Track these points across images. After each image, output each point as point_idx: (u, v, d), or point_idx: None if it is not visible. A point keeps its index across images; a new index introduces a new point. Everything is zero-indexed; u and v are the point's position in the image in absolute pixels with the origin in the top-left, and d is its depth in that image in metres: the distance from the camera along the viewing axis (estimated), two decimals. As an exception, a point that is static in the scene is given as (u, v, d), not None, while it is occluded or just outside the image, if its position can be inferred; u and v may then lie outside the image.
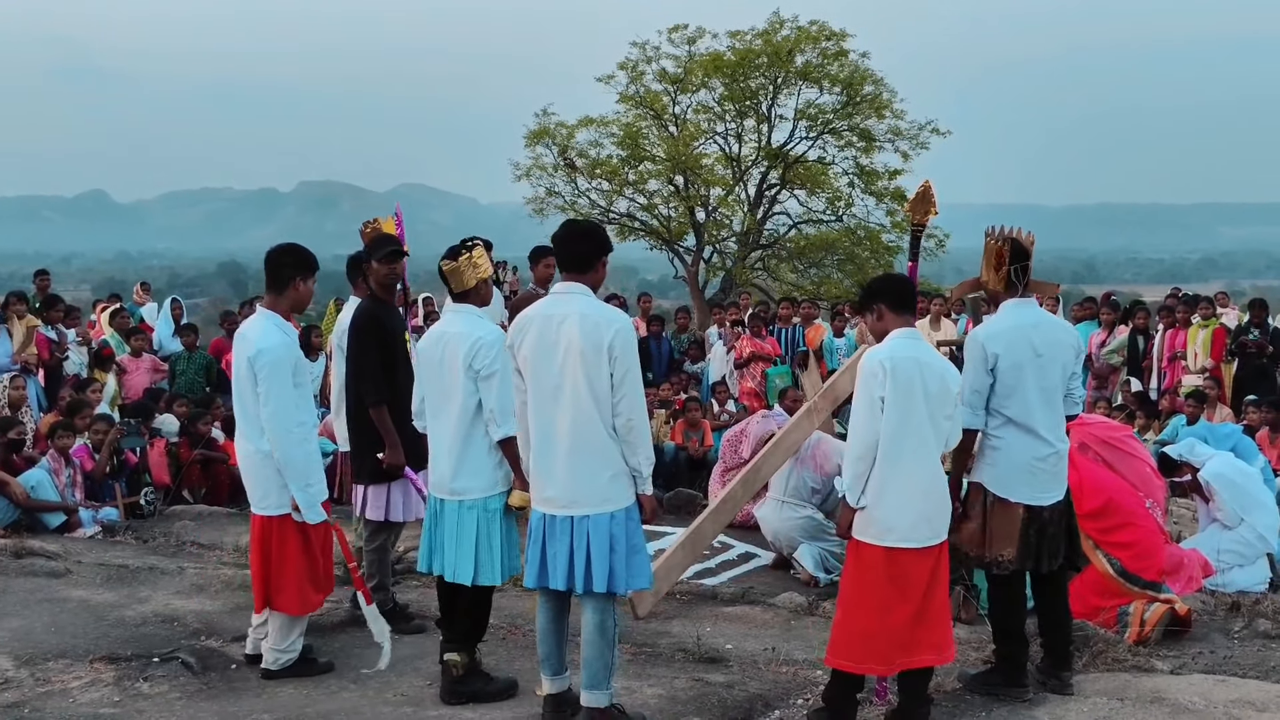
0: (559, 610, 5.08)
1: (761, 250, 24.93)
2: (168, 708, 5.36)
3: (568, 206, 24.34)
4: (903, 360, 4.90)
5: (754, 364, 13.22)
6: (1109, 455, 7.24)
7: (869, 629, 4.88)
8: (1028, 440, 5.34)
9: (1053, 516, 5.41)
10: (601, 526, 4.86)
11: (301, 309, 5.96)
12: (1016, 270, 5.42)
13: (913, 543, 4.87)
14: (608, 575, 4.85)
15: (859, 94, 23.77)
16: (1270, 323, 12.71)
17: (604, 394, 4.84)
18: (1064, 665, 5.51)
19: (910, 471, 4.87)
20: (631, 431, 4.88)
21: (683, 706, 5.26)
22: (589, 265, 5.06)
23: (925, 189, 6.81)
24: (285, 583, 5.62)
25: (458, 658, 5.41)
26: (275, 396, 5.49)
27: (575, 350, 4.83)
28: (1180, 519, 8.77)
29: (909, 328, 5.06)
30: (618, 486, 4.91)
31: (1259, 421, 10.84)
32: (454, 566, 5.34)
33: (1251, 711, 5.12)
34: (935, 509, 4.93)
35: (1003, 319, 5.43)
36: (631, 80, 24.44)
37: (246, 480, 5.75)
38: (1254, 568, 7.53)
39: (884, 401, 4.87)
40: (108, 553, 8.15)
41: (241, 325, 5.86)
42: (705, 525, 7.38)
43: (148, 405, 11.24)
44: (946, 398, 4.94)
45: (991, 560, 5.39)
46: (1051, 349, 5.38)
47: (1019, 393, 5.32)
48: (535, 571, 4.98)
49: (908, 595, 4.87)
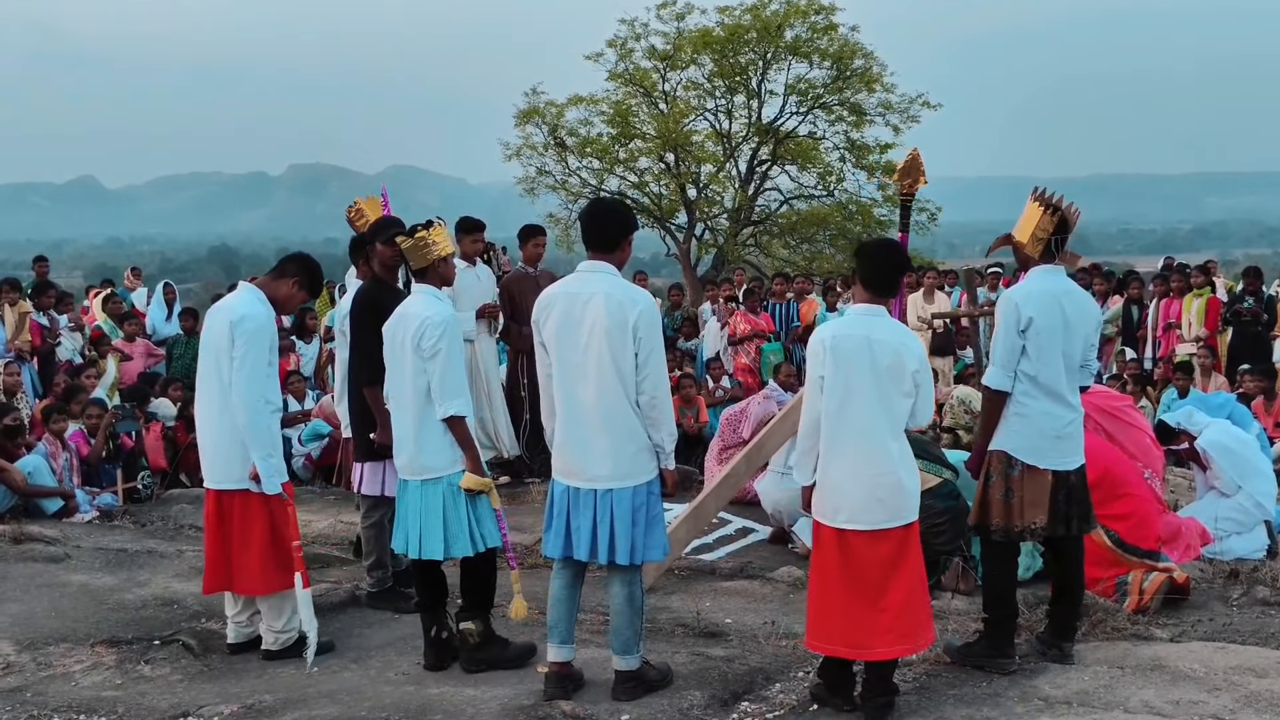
0: (574, 579, 5.13)
1: (753, 226, 24.92)
2: (169, 689, 5.37)
3: (558, 186, 24.33)
4: (846, 338, 4.82)
5: (748, 340, 13.23)
6: (1109, 425, 7.25)
7: (830, 610, 4.83)
8: (1055, 406, 5.31)
9: (1079, 480, 5.41)
10: (625, 500, 4.93)
11: (282, 310, 5.92)
12: (1056, 241, 5.40)
13: (862, 525, 4.77)
14: (630, 547, 4.93)
15: (849, 68, 23.73)
16: (1264, 291, 12.73)
17: (628, 372, 4.89)
18: (1066, 635, 5.52)
19: (855, 451, 4.79)
20: (655, 408, 4.94)
21: (683, 681, 5.27)
22: (615, 244, 5.07)
23: (913, 158, 6.79)
24: (248, 562, 5.57)
25: (473, 625, 5.47)
26: (251, 363, 5.46)
27: (601, 329, 4.87)
28: (1177, 488, 8.79)
29: (874, 304, 4.93)
30: (641, 461, 4.97)
31: (1254, 390, 10.87)
32: (421, 543, 5.38)
33: (1251, 677, 5.13)
34: (888, 491, 4.77)
35: (1034, 282, 5.38)
36: (621, 58, 24.39)
37: (209, 455, 5.63)
38: (1252, 535, 7.54)
39: (824, 380, 4.83)
40: (106, 537, 8.14)
41: (223, 299, 5.81)
42: (707, 501, 7.38)
43: (143, 390, 11.23)
44: (901, 375, 4.78)
45: (1024, 528, 5.36)
46: (1079, 317, 5.36)
47: (1048, 358, 5.27)
48: (561, 543, 5.04)
49: (864, 579, 4.77)
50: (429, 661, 5.56)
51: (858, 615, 4.78)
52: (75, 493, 8.98)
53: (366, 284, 6.55)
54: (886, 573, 4.79)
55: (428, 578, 5.57)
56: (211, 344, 5.58)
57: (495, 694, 5.16)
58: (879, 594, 4.78)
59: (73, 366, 11.68)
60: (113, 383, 11.66)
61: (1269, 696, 4.90)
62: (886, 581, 4.79)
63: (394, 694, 5.22)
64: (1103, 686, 5.09)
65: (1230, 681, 5.09)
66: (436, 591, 5.60)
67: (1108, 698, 4.96)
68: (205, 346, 5.64)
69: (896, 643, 4.81)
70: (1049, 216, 5.37)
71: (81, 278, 37.92)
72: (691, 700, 5.07)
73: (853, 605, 4.79)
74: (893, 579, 4.80)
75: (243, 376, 5.46)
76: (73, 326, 12.49)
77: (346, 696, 5.20)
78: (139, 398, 10.88)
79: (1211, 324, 12.38)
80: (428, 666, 5.55)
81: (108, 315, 13.26)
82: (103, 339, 12.51)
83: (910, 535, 4.85)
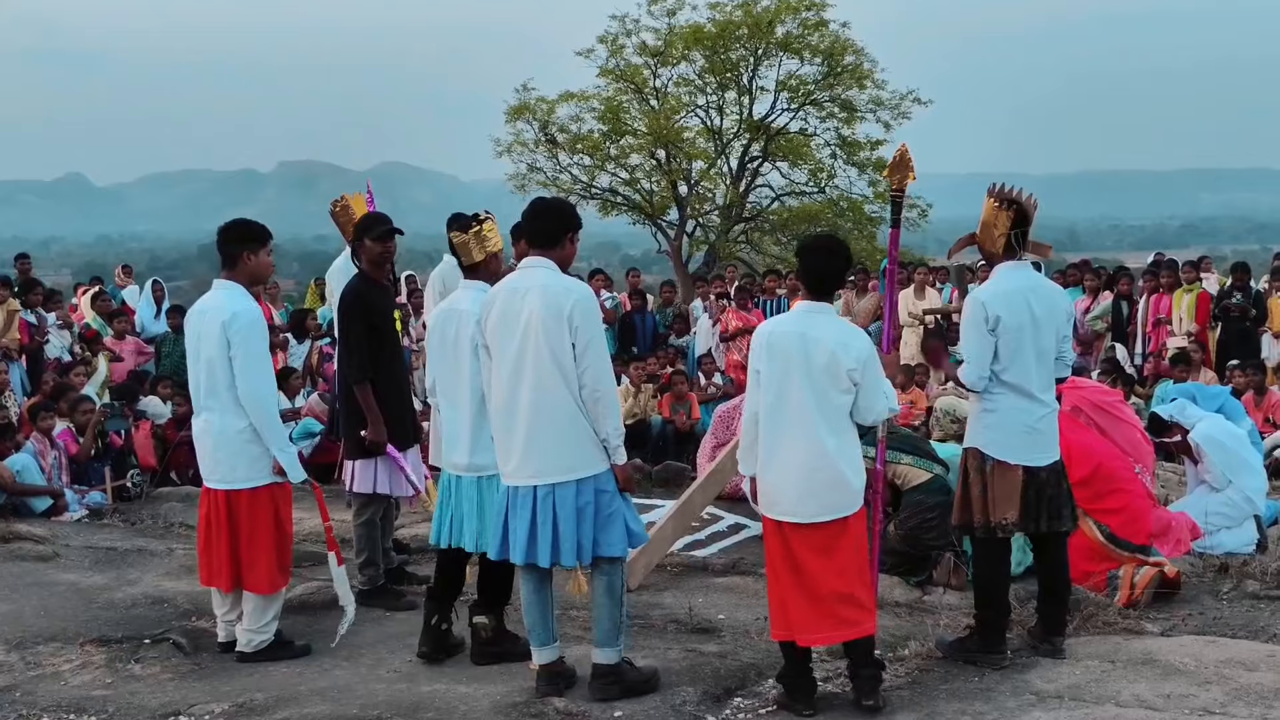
0: (541, 581, 5.09)
1: (744, 223, 24.93)
2: (160, 688, 5.35)
3: (549, 182, 24.30)
4: (782, 335, 4.86)
5: (740, 337, 13.22)
6: (1101, 420, 7.25)
7: (782, 599, 4.89)
8: (1024, 403, 5.33)
9: (1050, 477, 5.42)
10: (568, 497, 4.88)
11: (259, 281, 5.91)
12: (1017, 235, 5.39)
13: (798, 517, 4.82)
14: (576, 547, 4.87)
15: (840, 64, 23.74)
16: (1252, 286, 12.76)
17: (567, 364, 4.86)
18: (1057, 630, 5.53)
19: (791, 446, 4.82)
20: (598, 402, 4.89)
21: (676, 677, 5.27)
22: (556, 241, 5.08)
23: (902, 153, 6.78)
24: (258, 559, 5.58)
25: (486, 620, 5.47)
26: (254, 360, 5.48)
27: (536, 321, 4.85)
28: (1167, 483, 8.80)
29: (815, 302, 4.96)
30: (585, 455, 4.91)
31: (1244, 384, 10.90)
32: (478, 537, 5.35)
33: (1242, 671, 5.15)
34: (825, 485, 4.80)
35: (1000, 281, 5.41)
36: (611, 54, 24.37)
37: (211, 456, 5.61)
38: (1241, 530, 7.55)
39: (760, 375, 4.88)
40: (95, 536, 8.12)
41: (199, 301, 5.75)
42: (695, 497, 7.39)
43: (132, 388, 11.20)
44: (836, 373, 4.78)
45: (996, 524, 5.38)
46: (1048, 313, 5.38)
47: (1018, 356, 5.30)
48: (498, 544, 5.04)
49: (803, 569, 4.83)
50: (422, 649, 5.55)
51: (802, 603, 4.83)
52: (64, 491, 8.95)
53: (354, 281, 6.50)
54: (822, 562, 4.83)
55: (451, 570, 5.56)
56: (207, 346, 5.52)
57: (488, 691, 5.15)
58: (815, 582, 4.82)
59: (62, 365, 11.64)
60: (104, 380, 11.62)
61: (1259, 689, 4.92)
62: (822, 570, 4.83)
63: (386, 691, 5.21)
64: (1094, 680, 5.10)
65: (1221, 675, 5.11)
66: (453, 587, 5.59)
67: (1099, 692, 4.97)
68: (197, 350, 5.59)
69: (837, 628, 4.85)
70: (1005, 212, 5.37)
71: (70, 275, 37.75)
72: (684, 696, 5.07)
73: (796, 593, 4.84)
74: (827, 568, 4.83)
75: (249, 374, 5.46)
76: (61, 324, 12.44)
77: (338, 694, 5.18)
78: (128, 396, 10.85)
79: (1202, 319, 12.40)
80: (420, 655, 5.54)
81: (96, 313, 13.20)
82: (96, 337, 12.47)
83: (847, 528, 4.86)
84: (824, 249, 5.10)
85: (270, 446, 5.53)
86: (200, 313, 5.64)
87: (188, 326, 5.73)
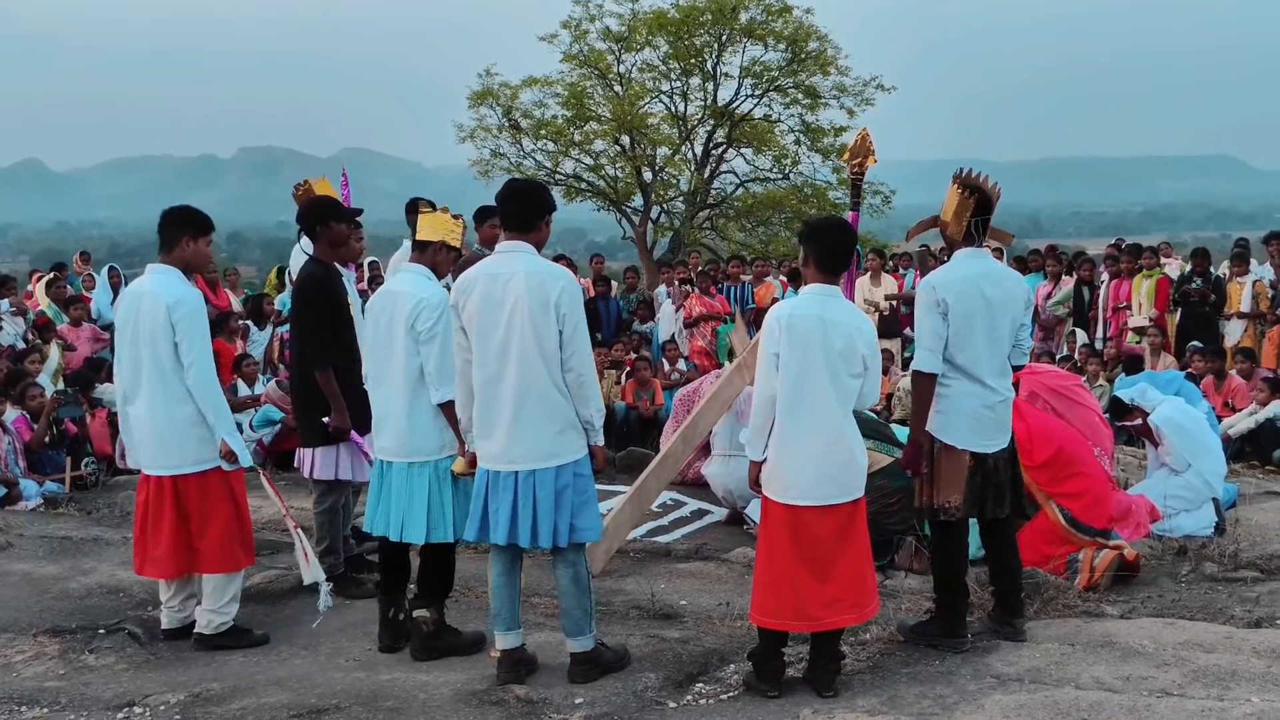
0: (511, 564, 5.09)
1: (709, 209, 24.90)
2: (114, 679, 5.27)
3: (513, 168, 24.16)
4: (802, 317, 4.85)
5: (704, 322, 13.21)
6: (1058, 404, 7.29)
7: (780, 585, 4.87)
8: (975, 388, 5.33)
9: (998, 464, 5.43)
10: (548, 482, 4.89)
11: (194, 269, 5.79)
12: (977, 223, 5.39)
13: (814, 500, 4.83)
14: (553, 530, 4.88)
15: (804, 51, 23.74)
16: (1212, 272, 12.86)
17: (552, 350, 4.86)
18: (1016, 612, 5.55)
19: (809, 429, 4.83)
20: (582, 386, 4.92)
21: (639, 663, 5.25)
22: (531, 224, 5.05)
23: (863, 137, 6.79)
24: (214, 539, 5.50)
25: (427, 614, 5.42)
26: (199, 344, 5.40)
27: (523, 307, 4.83)
28: (1127, 466, 8.87)
29: (826, 285, 4.96)
30: (567, 440, 4.94)
31: (1203, 369, 10.99)
32: (403, 527, 5.34)
33: (1199, 653, 5.19)
34: (840, 468, 4.84)
35: (955, 268, 5.41)
36: (575, 39, 24.27)
37: (153, 444, 5.48)
38: (1200, 512, 7.62)
39: (779, 358, 4.85)
40: (50, 525, 7.99)
41: (134, 284, 5.62)
42: (649, 481, 7.38)
43: (88, 375, 11.04)
44: (852, 356, 4.83)
45: (939, 507, 5.40)
46: (1003, 299, 5.36)
47: (968, 341, 5.30)
48: (478, 527, 5.01)
49: (814, 553, 4.83)
50: (384, 643, 5.52)
51: (807, 588, 4.83)
52: (19, 481, 8.82)
53: (311, 266, 6.41)
54: (836, 545, 4.86)
55: (394, 560, 5.53)
56: (145, 331, 5.41)
57: (448, 679, 5.11)
58: (828, 566, 4.84)
59: (15, 352, 11.46)
60: (56, 368, 11.45)
61: (1216, 671, 4.95)
62: (836, 554, 4.86)
63: (345, 680, 5.15)
64: (1054, 663, 5.12)
65: (1179, 657, 5.14)
66: (400, 575, 5.56)
67: (1059, 674, 4.99)
68: (135, 334, 5.46)
69: (845, 612, 4.88)
70: (967, 198, 5.37)
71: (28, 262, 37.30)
72: (646, 682, 5.05)
73: (802, 578, 4.83)
74: (841, 551, 4.86)
75: (194, 357, 5.38)
76: (15, 311, 12.25)
77: (296, 683, 5.13)
78: (84, 383, 10.71)
79: (1161, 304, 12.49)
80: (383, 649, 5.51)
81: (51, 300, 13.01)
82: (49, 325, 12.29)
83: (858, 509, 4.92)
84: (837, 226, 5.15)
85: (218, 430, 5.46)
86: (137, 295, 5.51)
87: (120, 308, 5.61)
